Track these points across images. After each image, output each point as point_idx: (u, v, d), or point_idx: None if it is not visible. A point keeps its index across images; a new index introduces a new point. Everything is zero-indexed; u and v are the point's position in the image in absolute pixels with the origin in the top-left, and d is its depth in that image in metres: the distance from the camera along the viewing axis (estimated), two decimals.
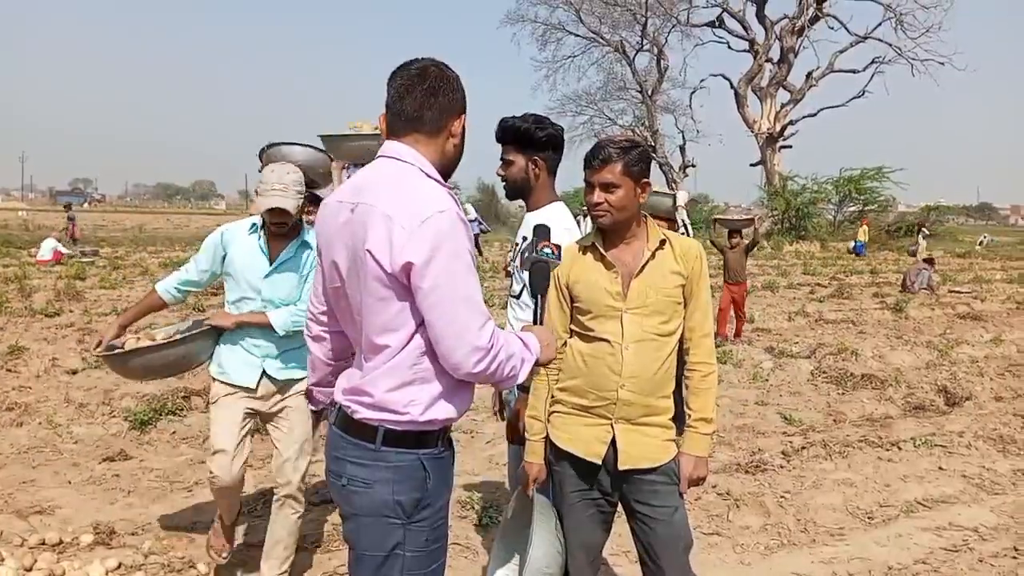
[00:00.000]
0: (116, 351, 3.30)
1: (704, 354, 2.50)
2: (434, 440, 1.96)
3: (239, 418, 3.36)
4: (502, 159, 2.98)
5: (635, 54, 43.24)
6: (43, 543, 3.81)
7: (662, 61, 42.87)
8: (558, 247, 2.36)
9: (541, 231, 2.40)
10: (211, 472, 3.34)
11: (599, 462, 2.47)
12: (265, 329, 3.31)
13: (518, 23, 44.39)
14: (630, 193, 2.40)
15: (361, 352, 1.97)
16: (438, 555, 2.03)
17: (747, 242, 10.58)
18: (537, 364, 2.05)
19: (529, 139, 2.92)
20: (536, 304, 2.33)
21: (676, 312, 2.46)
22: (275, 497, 3.46)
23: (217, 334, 3.40)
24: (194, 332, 3.34)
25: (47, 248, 19.04)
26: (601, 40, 43.71)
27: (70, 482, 4.75)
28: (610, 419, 2.45)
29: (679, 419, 2.54)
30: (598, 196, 2.41)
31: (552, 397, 2.61)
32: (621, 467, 2.44)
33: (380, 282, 1.83)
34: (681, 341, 2.52)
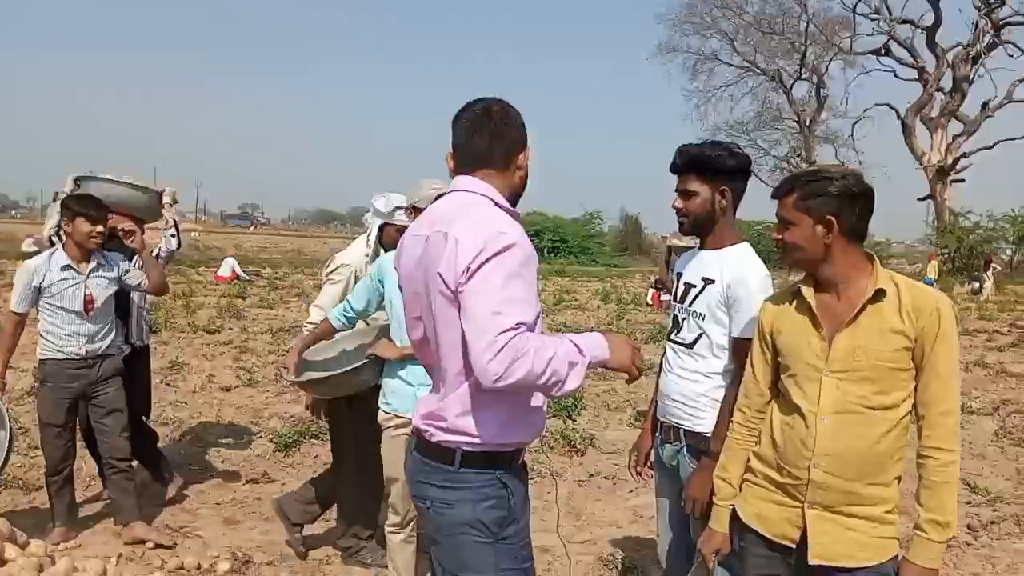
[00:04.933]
0: (302, 379, 3.59)
1: (942, 437, 2.03)
2: (507, 459, 2.01)
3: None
4: (680, 190, 2.68)
5: (792, 83, 41.83)
6: (182, 567, 3.82)
7: (822, 90, 41.25)
8: None
9: None
10: (390, 497, 3.40)
11: (788, 545, 2.12)
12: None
13: (669, 54, 43.90)
14: (806, 231, 2.08)
15: (439, 377, 2.04)
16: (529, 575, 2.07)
17: None
18: (607, 368, 1.94)
19: (716, 167, 2.61)
20: None
21: (898, 381, 2.02)
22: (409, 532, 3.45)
23: (381, 361, 3.41)
24: (362, 364, 3.44)
25: (227, 266, 20.34)
26: (756, 69, 42.53)
27: (217, 503, 4.80)
28: (802, 501, 2.09)
29: None
30: (776, 232, 2.14)
31: (748, 461, 2.30)
32: (811, 560, 2.07)
33: (447, 300, 1.88)
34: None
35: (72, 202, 4.09)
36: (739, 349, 2.57)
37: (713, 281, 2.63)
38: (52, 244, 4.42)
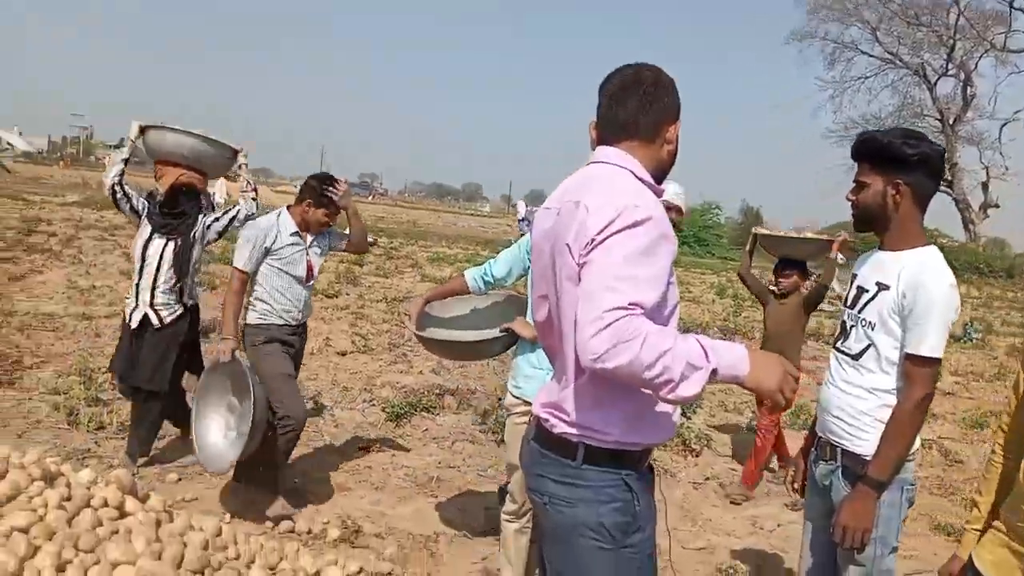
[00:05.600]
0: (427, 335, 3.43)
1: None
2: (634, 460, 1.83)
3: None
4: (855, 181, 2.41)
5: (937, 79, 39.53)
6: (292, 531, 3.82)
7: (969, 88, 38.76)
8: None
9: None
10: (508, 485, 3.34)
11: None
12: None
13: (806, 40, 42.11)
14: None
15: (561, 364, 1.89)
16: None
17: (808, 289, 5.11)
18: (745, 388, 1.67)
19: (894, 157, 2.30)
20: None
21: None
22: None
23: (514, 338, 3.28)
24: (494, 337, 3.30)
25: None
26: (899, 62, 40.33)
27: (330, 470, 4.81)
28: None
29: None
30: None
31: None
32: None
33: (572, 275, 1.71)
34: None
35: (318, 187, 4.13)
36: (909, 366, 2.29)
37: (888, 287, 2.34)
38: (113, 192, 4.36)
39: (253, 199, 4.68)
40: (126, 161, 4.44)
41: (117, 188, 4.38)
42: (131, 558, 2.26)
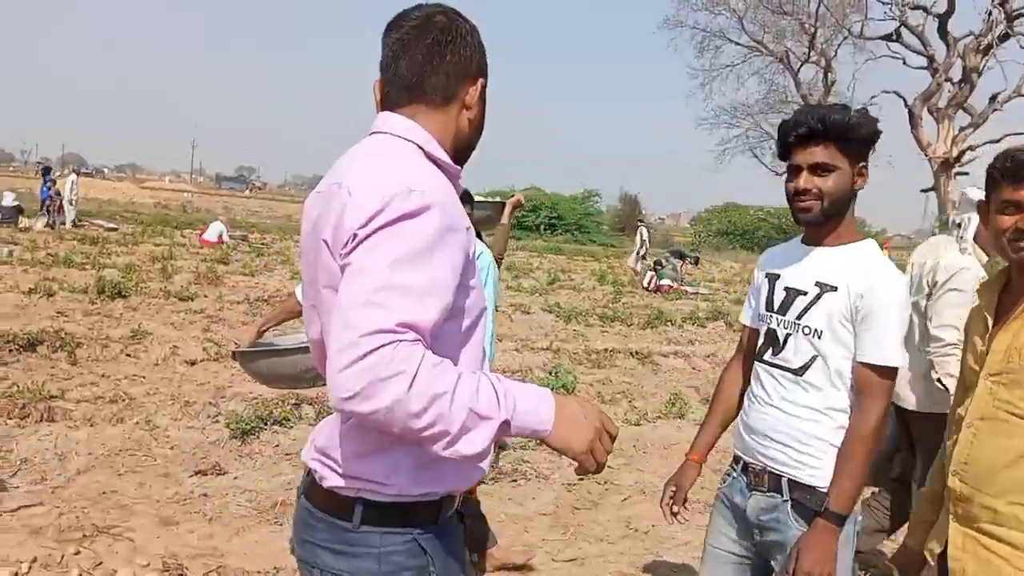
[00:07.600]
0: (247, 348, 3.11)
1: None
2: (431, 514, 1.41)
3: None
4: (810, 165, 2.04)
5: (800, 65, 40.91)
6: None
7: (829, 74, 40.34)
8: None
9: None
10: None
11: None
12: None
13: (676, 28, 43.02)
14: None
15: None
16: None
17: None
18: (548, 445, 1.29)
19: (857, 137, 2.02)
20: None
21: None
22: None
23: None
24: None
25: (214, 231, 19.74)
26: (764, 50, 41.68)
27: (156, 500, 4.24)
28: (950, 514, 1.85)
29: None
30: (1010, 214, 1.81)
31: None
32: None
33: (332, 288, 1.31)
34: None
35: None
36: (868, 376, 1.98)
37: (835, 288, 2.03)
38: None
39: None
40: None
41: None
42: None
